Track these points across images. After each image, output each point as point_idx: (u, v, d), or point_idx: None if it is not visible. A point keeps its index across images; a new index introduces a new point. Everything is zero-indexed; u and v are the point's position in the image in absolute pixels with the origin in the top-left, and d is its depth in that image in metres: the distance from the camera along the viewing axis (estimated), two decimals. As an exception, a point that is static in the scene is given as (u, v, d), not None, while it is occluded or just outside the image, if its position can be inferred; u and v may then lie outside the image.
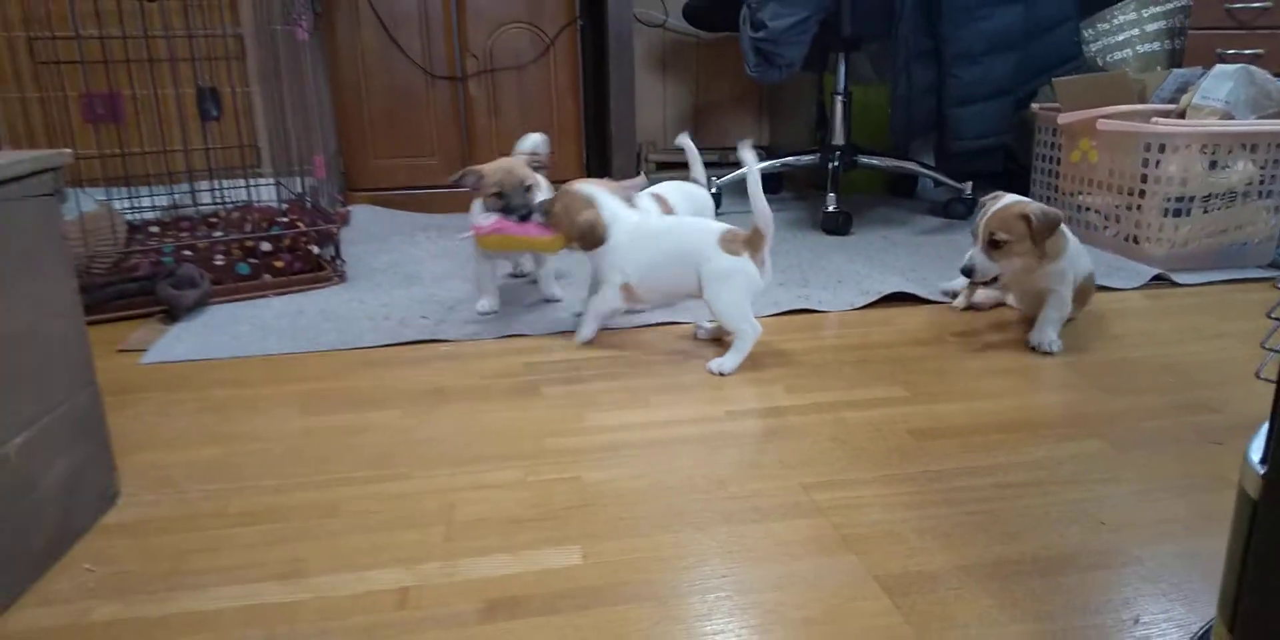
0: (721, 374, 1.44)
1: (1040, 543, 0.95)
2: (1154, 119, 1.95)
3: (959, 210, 2.54)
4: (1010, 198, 1.53)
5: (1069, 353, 1.51)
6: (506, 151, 2.98)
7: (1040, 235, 1.47)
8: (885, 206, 2.75)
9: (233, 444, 1.22)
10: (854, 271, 1.99)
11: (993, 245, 1.50)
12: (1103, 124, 2.05)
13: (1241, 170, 1.95)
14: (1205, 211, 1.96)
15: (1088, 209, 2.18)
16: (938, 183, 3.00)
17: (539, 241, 1.59)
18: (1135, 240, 2.03)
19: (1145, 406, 1.29)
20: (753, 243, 1.48)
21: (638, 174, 2.86)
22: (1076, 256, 1.56)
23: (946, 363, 1.47)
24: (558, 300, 1.83)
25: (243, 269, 1.96)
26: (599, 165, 3.10)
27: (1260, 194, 1.98)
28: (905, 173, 2.78)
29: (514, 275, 2.04)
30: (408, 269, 2.10)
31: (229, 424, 1.28)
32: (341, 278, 2.03)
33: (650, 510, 1.02)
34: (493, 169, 1.68)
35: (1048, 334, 1.52)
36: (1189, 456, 1.13)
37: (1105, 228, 2.12)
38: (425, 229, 2.53)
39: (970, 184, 2.53)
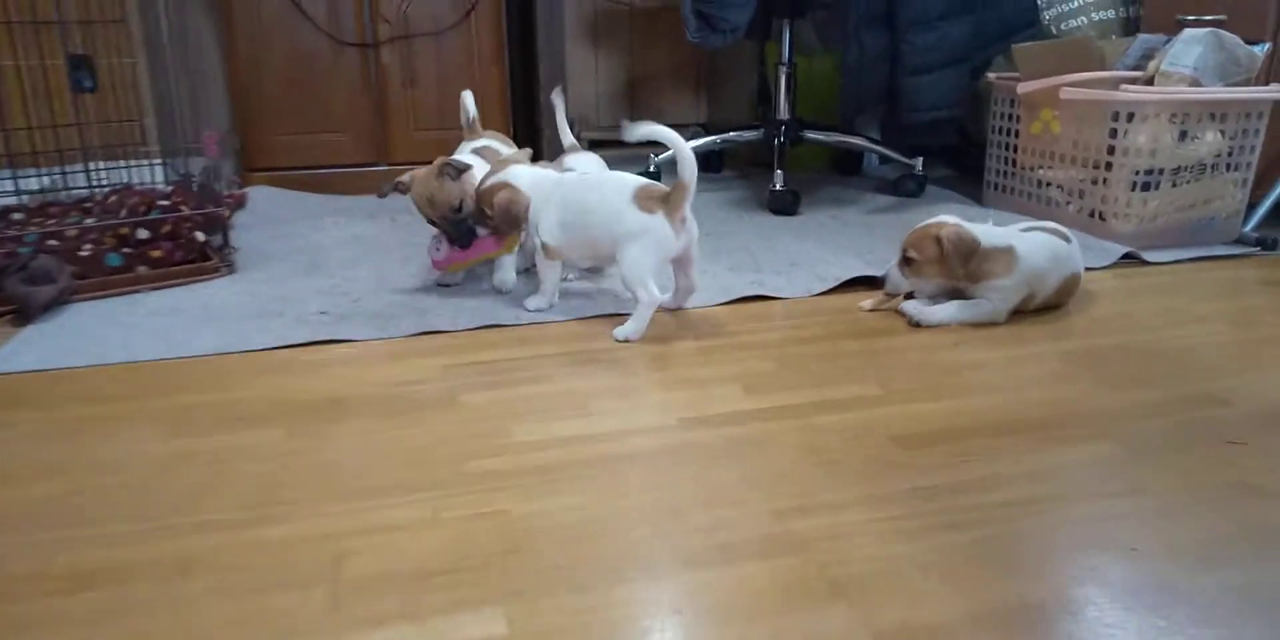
0: (626, 341, 1.37)
1: (1065, 577, 0.79)
2: (1123, 86, 1.82)
3: (910, 187, 2.40)
4: (942, 218, 1.45)
5: (1050, 339, 1.37)
6: (423, 126, 2.73)
7: (954, 259, 1.38)
8: (832, 185, 2.60)
9: (76, 477, 0.98)
10: (807, 254, 1.82)
11: (906, 262, 1.44)
12: (1066, 92, 1.92)
13: (1210, 141, 1.84)
14: (1174, 185, 1.85)
15: (1049, 184, 2.05)
16: (886, 159, 2.86)
17: (494, 254, 1.55)
18: (1101, 216, 1.90)
19: (1148, 401, 1.15)
20: (672, 199, 1.36)
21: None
22: (1038, 272, 1.43)
23: (920, 354, 1.31)
24: (505, 292, 1.61)
25: (113, 260, 1.69)
26: (528, 141, 2.87)
27: (1228, 166, 1.88)
28: (853, 149, 2.63)
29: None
30: (309, 257, 1.86)
31: (75, 451, 1.04)
32: (230, 268, 1.77)
33: (592, 553, 0.83)
34: (417, 195, 1.54)
35: (935, 314, 1.43)
36: (1211, 461, 0.99)
37: (1068, 204, 2.00)
38: (333, 213, 2.28)
39: (921, 160, 2.39)
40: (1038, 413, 1.11)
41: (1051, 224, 1.57)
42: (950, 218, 1.43)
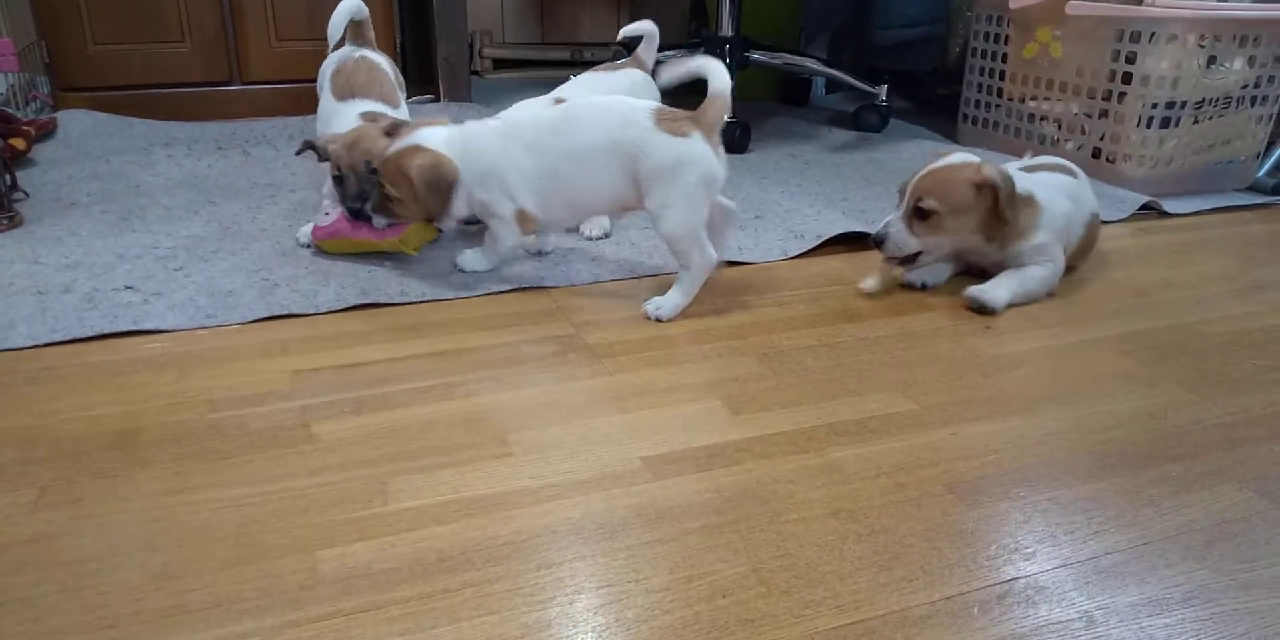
0: (659, 320, 1.04)
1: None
2: (1148, 0, 1.51)
3: (872, 120, 2.06)
4: (960, 157, 1.09)
5: (1094, 320, 1.07)
6: (288, 35, 2.20)
7: (1008, 209, 1.05)
8: (780, 116, 2.24)
9: None
10: (771, 203, 1.48)
11: (919, 215, 1.07)
12: (1073, 7, 1.60)
13: (1239, 70, 1.56)
14: (1195, 121, 1.57)
15: (1043, 118, 1.75)
16: (836, 88, 2.52)
17: (387, 243, 1.16)
18: (1107, 158, 1.62)
19: (1255, 416, 0.86)
20: (707, 116, 1.01)
21: (470, 71, 2.20)
22: (1065, 218, 1.13)
23: (945, 344, 1.00)
24: (464, 270, 1.17)
25: None
26: (418, 60, 2.41)
27: (1252, 100, 1.61)
28: (807, 74, 2.27)
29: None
30: (126, 205, 1.40)
31: None
32: (13, 221, 1.31)
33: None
34: (342, 139, 1.17)
35: (998, 294, 1.09)
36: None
37: (1065, 141, 1.71)
38: (167, 143, 1.80)
39: (885, 88, 2.05)
40: (1126, 434, 0.82)
41: (1051, 159, 1.27)
42: (961, 154, 1.11)
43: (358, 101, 1.28)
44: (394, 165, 1.06)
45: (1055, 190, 1.14)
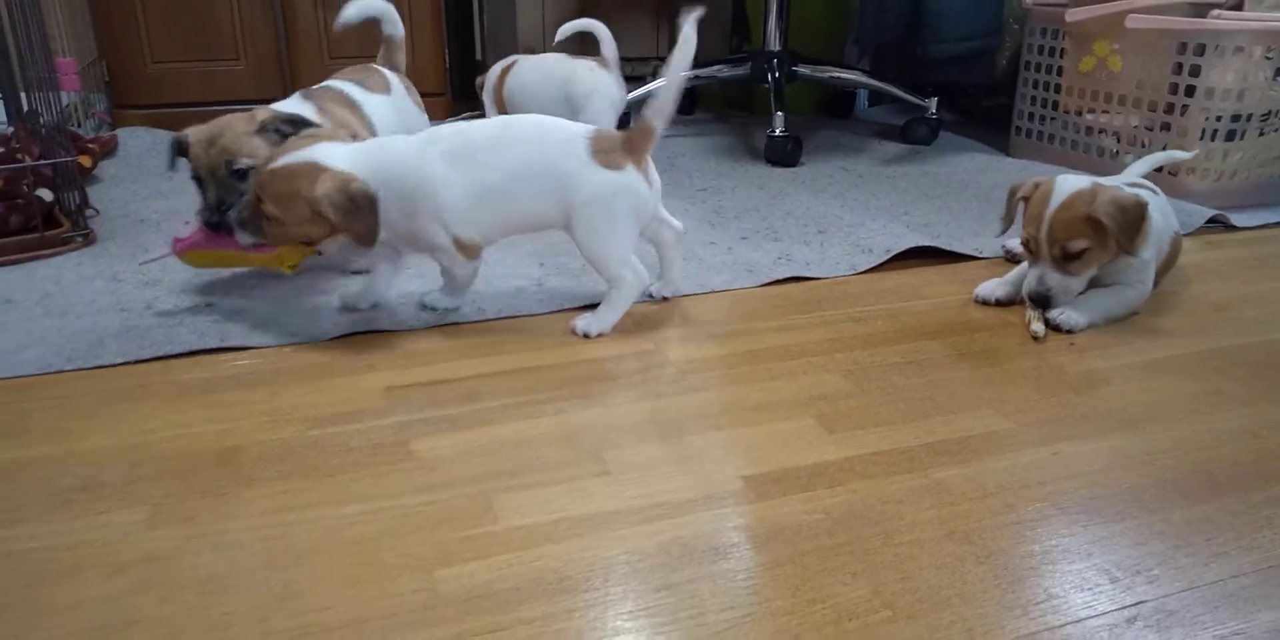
0: (586, 336, 1.03)
1: None
2: (1214, 12, 1.50)
3: (922, 134, 2.06)
4: (1066, 185, 1.05)
5: (1177, 336, 1.06)
6: (340, 53, 2.24)
7: (1124, 235, 1.02)
8: (827, 129, 2.24)
9: None
10: (832, 217, 1.48)
11: (1068, 258, 1.04)
12: (1134, 20, 1.59)
13: (1305, 80, 1.54)
14: (1261, 133, 1.55)
15: (1100, 131, 1.74)
16: (879, 101, 2.52)
17: (258, 259, 1.07)
18: (1169, 171, 1.60)
19: (1364, 433, 0.85)
20: (636, 145, 1.01)
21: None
22: (1160, 233, 1.11)
23: (1032, 362, 0.99)
24: (433, 309, 1.10)
25: (-83, 228, 1.24)
26: (462, 77, 2.43)
27: (1317, 111, 1.59)
28: (855, 87, 2.28)
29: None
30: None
31: None
32: (87, 238, 1.34)
33: None
34: (197, 134, 1.04)
35: (1079, 317, 1.06)
36: None
37: (1124, 154, 1.69)
38: (228, 162, 1.82)
39: (935, 101, 2.05)
40: (1230, 453, 0.80)
41: (1133, 176, 1.26)
42: (1066, 180, 1.06)
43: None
44: (284, 183, 0.94)
45: (1149, 204, 1.13)
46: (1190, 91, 1.54)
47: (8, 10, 1.64)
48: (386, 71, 1.39)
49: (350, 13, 1.36)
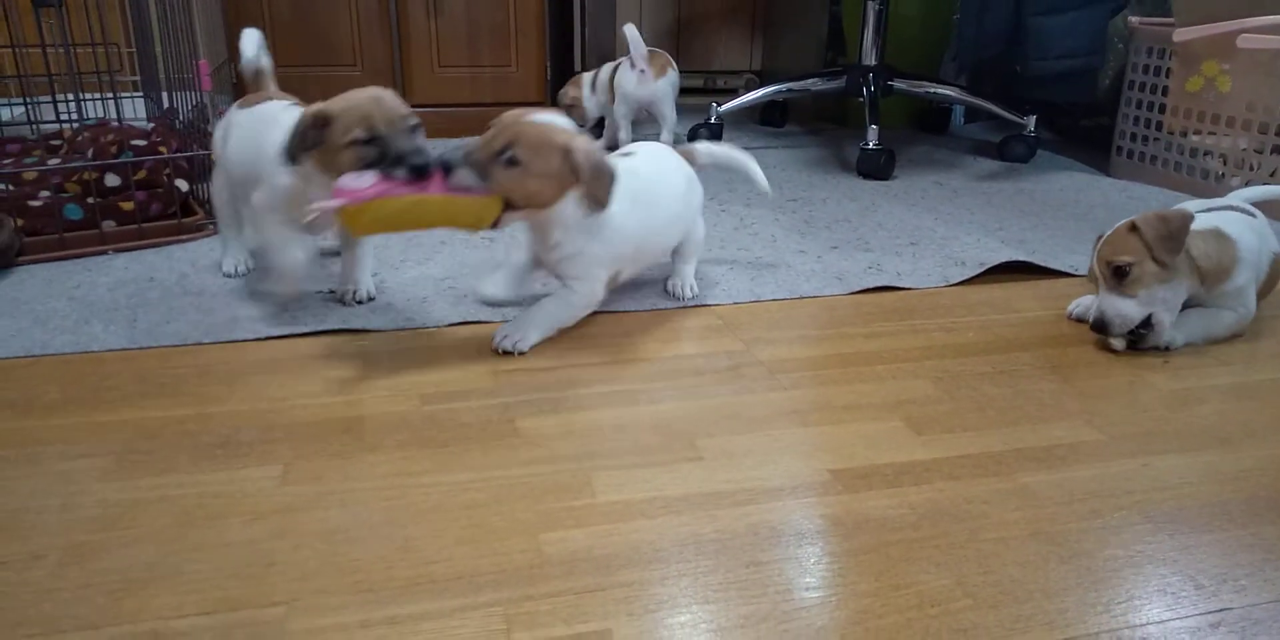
0: (694, 293, 1.19)
1: None
2: (1334, 32, 1.46)
3: (1019, 151, 2.04)
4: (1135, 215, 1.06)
5: (1273, 358, 1.04)
6: (450, 62, 2.35)
7: (1159, 247, 1.01)
8: (921, 144, 2.24)
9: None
10: (925, 230, 1.49)
11: (1118, 277, 1.02)
12: (1246, 39, 1.56)
13: None
14: (1379, 159, 1.51)
15: (1206, 153, 1.71)
16: (975, 117, 2.50)
17: (462, 207, 0.94)
18: (1278, 194, 1.56)
19: None
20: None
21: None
22: (1255, 255, 1.09)
23: (1125, 377, 0.99)
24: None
25: (73, 212, 1.37)
26: (561, 80, 2.51)
27: None
28: (952, 102, 2.27)
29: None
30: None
31: (-21, 491, 0.73)
32: (215, 227, 1.44)
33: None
34: (346, 105, 0.98)
35: (1174, 336, 1.06)
36: None
37: (1231, 177, 1.66)
38: (343, 160, 1.93)
39: (1034, 118, 2.03)
40: (1328, 476, 0.80)
41: (1227, 200, 1.24)
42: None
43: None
44: (543, 133, 0.96)
45: (1241, 226, 1.11)
46: (1304, 114, 1.50)
47: (157, 15, 1.78)
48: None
49: (248, 49, 1.25)
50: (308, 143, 0.97)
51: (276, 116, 1.09)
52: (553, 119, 0.99)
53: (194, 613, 0.60)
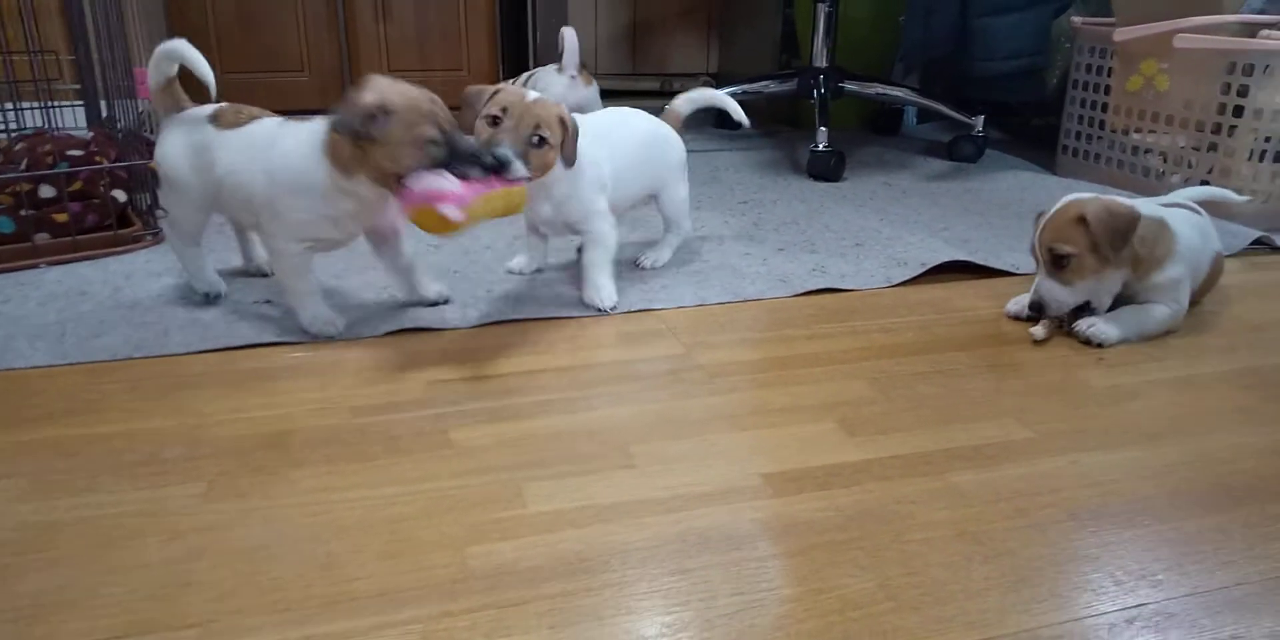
0: (654, 267, 1.30)
1: None
2: (1264, 32, 1.49)
3: (967, 151, 2.07)
4: (1072, 196, 1.09)
5: (1208, 354, 1.06)
6: (400, 66, 2.34)
7: (1105, 242, 1.03)
8: (871, 145, 2.26)
9: (-123, 566, 0.65)
10: (870, 231, 1.50)
11: (1058, 265, 1.06)
12: (1183, 39, 1.59)
13: (1357, 102, 1.52)
14: (1311, 155, 1.54)
15: (1147, 151, 1.73)
16: (926, 118, 2.53)
17: (517, 195, 1.00)
18: (1216, 191, 1.59)
19: (1392, 453, 0.85)
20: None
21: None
22: (1195, 252, 1.11)
23: (1058, 375, 1.00)
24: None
25: (5, 225, 1.34)
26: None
27: (1371, 133, 1.57)
28: (901, 104, 2.29)
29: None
30: (258, 224, 1.50)
31: (-111, 516, 0.71)
32: (157, 236, 1.42)
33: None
34: (404, 100, 0.93)
35: (1110, 331, 1.07)
36: None
37: (1171, 174, 1.68)
38: (291, 168, 1.90)
39: (982, 118, 2.05)
40: (1251, 468, 0.81)
41: (1178, 198, 1.26)
42: (1076, 195, 1.10)
43: None
44: (549, 108, 1.03)
45: (1185, 222, 1.13)
46: (1239, 112, 1.53)
47: (93, 22, 1.75)
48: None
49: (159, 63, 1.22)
50: (360, 137, 0.92)
51: (275, 136, 1.02)
52: (537, 93, 1.07)
53: (104, 637, 0.59)
